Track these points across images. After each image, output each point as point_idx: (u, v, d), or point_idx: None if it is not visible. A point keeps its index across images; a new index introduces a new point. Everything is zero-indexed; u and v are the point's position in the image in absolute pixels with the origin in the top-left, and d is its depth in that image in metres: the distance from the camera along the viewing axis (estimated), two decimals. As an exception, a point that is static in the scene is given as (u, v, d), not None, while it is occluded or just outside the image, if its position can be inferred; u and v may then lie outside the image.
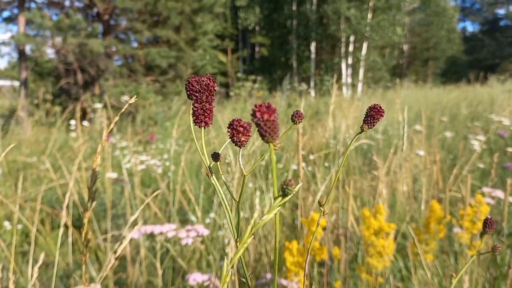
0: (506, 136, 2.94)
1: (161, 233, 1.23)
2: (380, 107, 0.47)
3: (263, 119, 0.35)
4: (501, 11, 30.58)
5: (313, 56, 16.13)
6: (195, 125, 0.46)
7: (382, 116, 0.47)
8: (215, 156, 0.48)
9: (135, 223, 1.83)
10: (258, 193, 2.06)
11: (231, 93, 7.76)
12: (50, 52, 8.79)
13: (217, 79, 14.76)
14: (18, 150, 3.60)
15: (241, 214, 1.83)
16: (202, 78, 0.45)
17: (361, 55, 15.52)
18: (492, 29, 29.49)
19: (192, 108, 0.46)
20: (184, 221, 2.21)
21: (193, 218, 1.84)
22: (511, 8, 29.33)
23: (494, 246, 0.53)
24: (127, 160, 2.93)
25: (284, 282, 1.29)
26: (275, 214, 0.43)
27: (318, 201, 0.51)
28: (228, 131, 0.42)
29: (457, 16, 24.27)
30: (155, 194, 0.85)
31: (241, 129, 0.41)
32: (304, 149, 3.19)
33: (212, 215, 2.02)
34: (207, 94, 0.45)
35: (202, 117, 0.45)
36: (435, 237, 1.40)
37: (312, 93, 13.63)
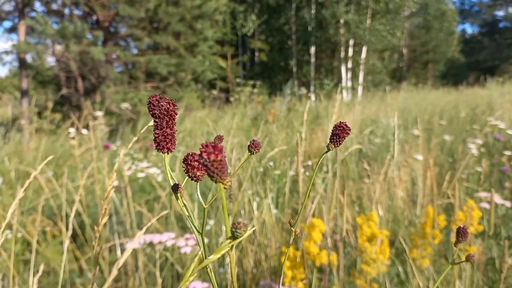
0: (503, 140, 2.95)
1: (160, 242, 1.25)
2: (346, 125, 0.47)
3: (209, 159, 0.34)
4: (500, 13, 30.60)
5: (312, 60, 16.17)
6: (158, 151, 0.44)
7: (348, 134, 0.47)
8: (175, 189, 0.46)
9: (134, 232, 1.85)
10: (257, 198, 2.08)
11: (231, 99, 7.79)
12: (51, 60, 8.85)
13: (217, 84, 14.81)
14: (19, 158, 3.62)
15: (241, 219, 1.83)
16: (162, 102, 0.43)
17: (360, 58, 15.56)
18: (491, 31, 29.54)
19: (153, 135, 0.45)
20: (185, 228, 2.23)
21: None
22: (510, 10, 29.41)
23: (469, 255, 0.54)
24: (128, 167, 2.94)
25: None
26: (230, 254, 0.42)
27: (289, 222, 0.52)
28: (183, 167, 0.41)
29: (456, 18, 24.33)
30: (160, 215, 0.86)
31: (196, 164, 0.41)
32: (303, 155, 3.19)
33: (212, 222, 2.04)
34: (167, 119, 0.44)
35: (164, 144, 0.44)
36: (431, 242, 1.41)
37: (312, 97, 13.65)
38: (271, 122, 5.88)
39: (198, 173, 0.41)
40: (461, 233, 0.54)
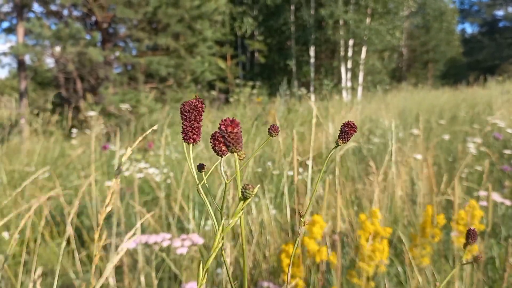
0: (502, 139, 2.94)
1: (156, 243, 1.24)
2: (353, 123, 0.51)
3: (227, 131, 0.40)
4: (499, 13, 30.62)
5: (312, 60, 16.16)
6: (184, 141, 0.48)
7: (355, 131, 0.51)
8: (200, 167, 0.51)
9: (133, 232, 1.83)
10: (256, 199, 2.06)
11: (231, 99, 7.78)
12: (49, 62, 8.84)
13: (216, 85, 14.81)
14: (17, 159, 3.61)
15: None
16: (192, 100, 0.49)
17: (360, 59, 15.55)
18: (491, 30, 29.55)
19: (182, 126, 0.49)
20: (183, 229, 2.21)
21: (190, 226, 1.84)
22: (509, 9, 29.41)
23: (477, 256, 0.53)
24: (126, 168, 2.93)
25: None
26: (241, 216, 0.46)
27: (299, 212, 0.53)
28: (210, 142, 0.46)
29: (456, 18, 24.34)
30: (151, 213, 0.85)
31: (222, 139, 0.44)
32: (302, 155, 3.19)
33: (210, 222, 2.02)
34: (196, 114, 0.48)
35: (191, 134, 0.48)
36: (431, 241, 1.40)
37: (312, 97, 13.64)
38: (271, 122, 5.87)
39: (223, 148, 0.45)
40: (471, 235, 0.54)
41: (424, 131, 4.04)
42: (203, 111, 0.49)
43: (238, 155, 0.42)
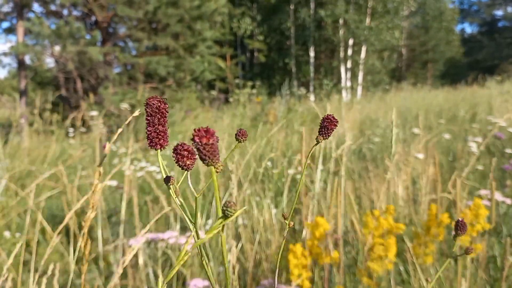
0: (504, 138, 2.94)
1: (162, 240, 1.24)
2: (333, 117, 0.48)
3: (201, 143, 0.36)
4: (499, 12, 30.64)
5: (312, 60, 16.17)
6: (151, 148, 0.46)
7: (336, 126, 0.48)
8: (167, 180, 0.47)
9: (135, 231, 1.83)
10: (257, 198, 2.07)
11: (231, 99, 7.78)
12: (49, 61, 8.83)
13: (216, 85, 14.80)
14: (18, 159, 3.61)
15: (240, 220, 1.83)
16: (153, 101, 0.45)
17: (360, 58, 15.56)
18: (490, 30, 29.57)
19: (146, 132, 0.46)
20: (185, 229, 2.21)
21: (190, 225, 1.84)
22: (509, 9, 29.43)
23: (467, 248, 0.53)
24: (127, 167, 2.93)
25: (284, 287, 1.29)
26: (222, 236, 0.43)
27: (282, 215, 0.52)
28: (172, 156, 0.43)
29: (456, 18, 24.35)
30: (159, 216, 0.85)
31: (186, 153, 0.42)
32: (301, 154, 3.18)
33: (210, 221, 2.03)
34: (159, 117, 0.45)
35: (156, 140, 0.46)
36: (435, 240, 1.40)
37: (312, 97, 13.65)
38: (270, 122, 5.87)
39: (188, 162, 0.42)
40: (460, 226, 0.54)
41: (424, 131, 4.04)
42: (167, 112, 0.46)
43: (215, 167, 0.38)
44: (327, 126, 0.48)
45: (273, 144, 3.37)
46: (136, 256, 1.75)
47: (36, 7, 8.12)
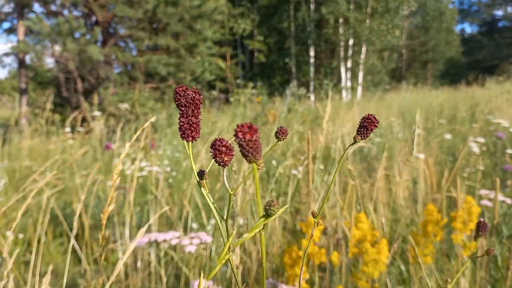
0: (505, 138, 2.95)
1: (164, 241, 1.24)
2: (374, 117, 0.47)
3: (245, 139, 0.35)
4: (499, 12, 30.64)
5: (312, 60, 16.17)
6: (182, 139, 0.45)
7: (376, 126, 0.47)
8: (201, 175, 0.47)
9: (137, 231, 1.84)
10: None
11: (231, 99, 7.78)
12: (50, 62, 8.84)
13: (216, 85, 14.80)
14: (19, 159, 3.61)
15: (241, 221, 1.83)
16: (188, 91, 0.44)
17: (360, 58, 15.56)
18: (490, 30, 29.56)
19: (179, 123, 0.45)
20: (186, 229, 2.22)
21: (194, 225, 1.85)
22: (509, 9, 29.43)
23: (489, 249, 0.53)
24: (127, 167, 2.94)
25: (284, 287, 1.30)
26: (262, 234, 0.42)
27: (312, 212, 0.52)
28: (210, 152, 0.42)
29: (456, 18, 24.36)
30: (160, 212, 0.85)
31: (224, 149, 0.41)
32: (302, 154, 3.19)
33: (212, 221, 2.03)
34: (193, 108, 0.44)
35: (188, 132, 0.45)
36: (433, 240, 1.41)
37: (312, 97, 13.65)
38: (271, 122, 5.87)
39: (225, 158, 0.41)
40: (481, 227, 0.53)
41: (424, 131, 4.05)
42: (201, 104, 0.45)
43: (257, 164, 0.37)
44: (367, 126, 0.47)
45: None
46: (135, 256, 1.76)
47: (37, 7, 8.13)
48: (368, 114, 0.47)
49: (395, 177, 2.08)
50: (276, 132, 0.45)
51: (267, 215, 0.39)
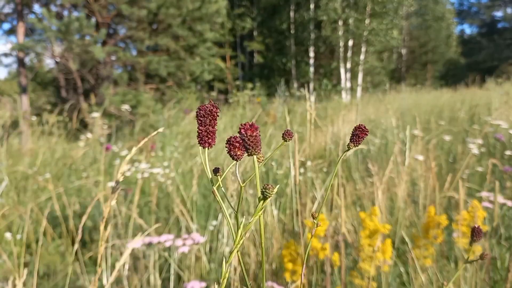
0: (504, 140, 2.95)
1: (159, 243, 1.25)
2: (364, 126, 0.52)
3: (247, 134, 0.43)
4: (498, 14, 30.67)
5: (311, 61, 16.17)
6: (200, 145, 0.50)
7: (366, 135, 0.52)
8: (216, 171, 0.52)
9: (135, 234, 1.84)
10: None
11: (230, 100, 7.79)
12: (49, 63, 8.84)
13: (216, 86, 14.81)
14: (19, 160, 3.61)
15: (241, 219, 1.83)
16: (207, 105, 0.50)
17: (359, 59, 15.57)
18: (490, 31, 29.57)
19: (197, 131, 0.50)
20: (186, 229, 2.22)
21: (192, 226, 1.85)
22: (508, 11, 29.46)
23: (482, 254, 0.54)
24: (127, 169, 2.93)
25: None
26: (259, 216, 0.48)
27: (312, 214, 0.54)
28: (226, 147, 0.47)
29: (455, 19, 24.40)
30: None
31: (237, 144, 0.46)
32: (302, 155, 3.19)
33: (214, 222, 2.03)
34: (211, 119, 0.49)
35: (206, 139, 0.50)
36: (434, 242, 1.41)
37: (312, 98, 13.64)
38: (270, 123, 5.88)
39: (238, 152, 0.47)
40: (476, 232, 0.55)
41: (423, 132, 4.05)
42: (218, 116, 0.50)
43: (257, 157, 0.44)
44: (358, 134, 0.52)
45: (272, 145, 3.38)
46: (134, 257, 1.76)
47: (37, 8, 8.14)
48: (359, 124, 0.53)
49: (394, 179, 2.08)
50: (282, 134, 0.51)
51: (264, 197, 0.45)
